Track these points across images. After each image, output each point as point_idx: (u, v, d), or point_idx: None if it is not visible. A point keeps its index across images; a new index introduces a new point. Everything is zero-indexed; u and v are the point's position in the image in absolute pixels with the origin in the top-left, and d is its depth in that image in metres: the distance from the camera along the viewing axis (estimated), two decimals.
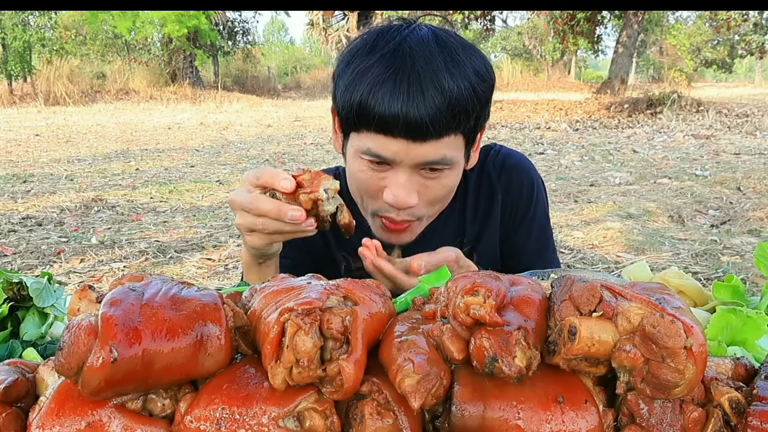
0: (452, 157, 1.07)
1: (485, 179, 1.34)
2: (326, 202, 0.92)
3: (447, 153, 1.06)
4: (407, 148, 1.03)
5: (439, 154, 1.05)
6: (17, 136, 11.70)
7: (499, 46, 41.43)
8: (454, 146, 1.07)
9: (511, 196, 1.33)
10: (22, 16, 21.22)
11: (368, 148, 1.06)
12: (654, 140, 9.96)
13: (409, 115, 1.00)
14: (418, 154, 1.04)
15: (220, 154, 9.27)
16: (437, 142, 1.03)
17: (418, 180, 1.08)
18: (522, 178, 1.34)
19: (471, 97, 1.03)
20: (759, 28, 23.65)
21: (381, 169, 1.08)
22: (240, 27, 27.88)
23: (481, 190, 1.34)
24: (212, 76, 26.48)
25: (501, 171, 1.33)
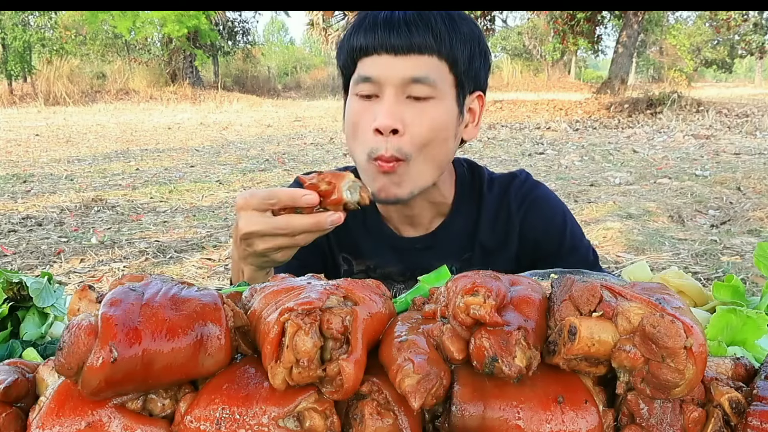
0: (436, 80, 1.10)
1: (505, 204, 1.32)
2: (352, 196, 0.93)
3: (429, 72, 1.09)
4: (390, 63, 1.09)
5: (421, 70, 1.09)
6: (17, 136, 11.70)
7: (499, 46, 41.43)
8: (437, 71, 1.11)
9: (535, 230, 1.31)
10: (22, 16, 21.22)
11: (358, 75, 1.13)
12: (654, 140, 9.96)
13: (390, 28, 1.09)
14: (402, 70, 1.09)
15: (220, 154, 9.27)
16: (418, 57, 1.09)
17: (403, 108, 1.10)
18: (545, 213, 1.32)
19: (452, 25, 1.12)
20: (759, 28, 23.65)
21: (371, 103, 1.12)
22: (240, 27, 27.88)
23: (499, 211, 1.31)
24: (212, 76, 26.48)
25: (522, 202, 1.31)
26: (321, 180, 0.94)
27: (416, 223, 1.30)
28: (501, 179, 1.35)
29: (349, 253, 1.34)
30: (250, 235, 0.97)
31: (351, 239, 1.30)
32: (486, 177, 1.34)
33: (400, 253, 1.31)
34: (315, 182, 0.94)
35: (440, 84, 1.11)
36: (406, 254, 1.30)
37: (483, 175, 1.35)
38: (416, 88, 1.10)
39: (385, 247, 1.31)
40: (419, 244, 1.30)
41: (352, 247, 1.31)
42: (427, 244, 1.30)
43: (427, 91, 1.10)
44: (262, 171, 7.70)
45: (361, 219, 1.32)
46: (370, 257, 1.33)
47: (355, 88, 1.14)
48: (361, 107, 1.13)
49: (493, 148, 9.50)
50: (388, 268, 1.32)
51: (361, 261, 1.34)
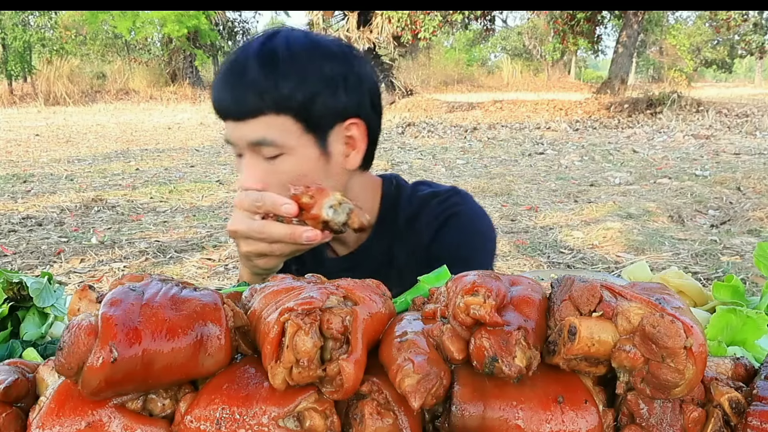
0: (274, 139, 1.09)
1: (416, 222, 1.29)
2: (335, 216, 0.92)
3: (267, 134, 1.09)
4: (234, 128, 1.10)
5: (258, 133, 1.09)
6: (17, 136, 11.70)
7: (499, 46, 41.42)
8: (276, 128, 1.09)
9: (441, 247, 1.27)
10: (22, 16, 21.22)
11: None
12: (654, 140, 9.96)
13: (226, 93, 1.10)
14: (242, 134, 1.10)
15: (220, 154, 9.27)
16: (254, 120, 1.08)
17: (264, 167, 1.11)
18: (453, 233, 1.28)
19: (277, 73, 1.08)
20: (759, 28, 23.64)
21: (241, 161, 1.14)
22: (240, 27, 27.87)
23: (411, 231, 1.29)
24: (212, 76, 26.39)
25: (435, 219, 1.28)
26: (305, 192, 0.94)
27: (343, 241, 1.31)
28: (421, 197, 1.32)
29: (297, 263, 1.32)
30: (235, 234, 0.99)
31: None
32: (406, 194, 1.32)
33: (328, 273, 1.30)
34: (298, 193, 0.94)
35: (284, 139, 1.10)
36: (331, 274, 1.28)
37: (402, 192, 1.32)
38: (263, 149, 1.10)
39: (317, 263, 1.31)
40: (342, 265, 1.30)
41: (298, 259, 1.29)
42: (347, 265, 1.30)
43: (273, 150, 1.10)
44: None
45: None
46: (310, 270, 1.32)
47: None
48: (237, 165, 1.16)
49: (493, 148, 9.50)
50: None
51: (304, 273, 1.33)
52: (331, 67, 1.11)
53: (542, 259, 4.02)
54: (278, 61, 1.09)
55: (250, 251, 0.99)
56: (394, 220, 1.30)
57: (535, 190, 6.25)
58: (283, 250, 0.97)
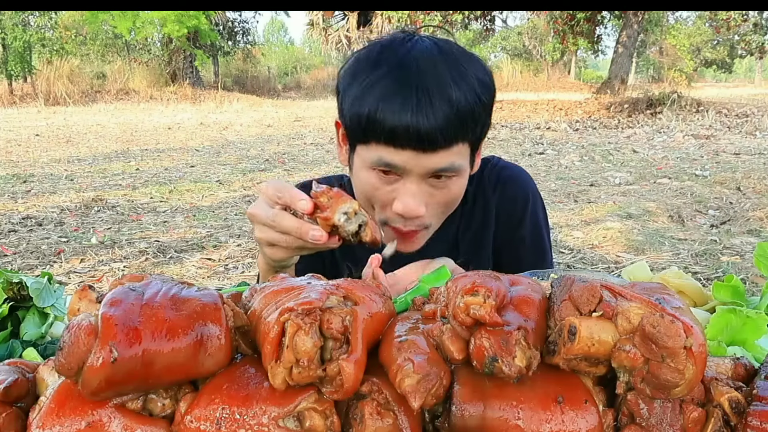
0: (460, 164, 1.10)
1: (480, 192, 1.35)
2: (346, 223, 0.93)
3: (455, 161, 1.08)
4: (417, 158, 1.05)
5: (447, 162, 1.07)
6: (17, 136, 11.70)
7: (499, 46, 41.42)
8: (461, 154, 1.10)
9: (505, 209, 1.34)
10: (22, 16, 21.22)
11: (379, 157, 1.08)
12: (654, 140, 9.96)
13: (419, 127, 1.02)
14: (428, 164, 1.07)
15: (220, 154, 9.27)
16: (446, 151, 1.06)
17: (427, 189, 1.11)
18: (516, 191, 1.35)
19: (477, 105, 1.07)
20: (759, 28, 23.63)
21: (390, 180, 1.11)
22: (240, 27, 27.88)
23: (476, 202, 1.34)
24: (212, 76, 26.47)
25: (496, 184, 1.34)
26: (324, 193, 0.94)
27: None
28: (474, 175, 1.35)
29: (350, 261, 1.34)
30: (252, 217, 1.00)
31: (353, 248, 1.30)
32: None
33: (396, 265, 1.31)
34: (318, 192, 0.95)
35: (463, 164, 1.11)
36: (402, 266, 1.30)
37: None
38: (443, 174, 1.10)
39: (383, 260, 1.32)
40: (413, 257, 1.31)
41: (353, 256, 1.31)
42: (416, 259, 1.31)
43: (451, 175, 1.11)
44: (262, 171, 7.70)
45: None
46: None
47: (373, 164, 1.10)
48: (381, 183, 1.11)
49: (493, 148, 9.50)
50: None
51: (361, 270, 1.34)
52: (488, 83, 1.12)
53: None
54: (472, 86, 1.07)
55: (261, 237, 1.00)
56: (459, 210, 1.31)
57: None
58: (290, 243, 0.97)
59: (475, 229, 1.35)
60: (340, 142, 1.23)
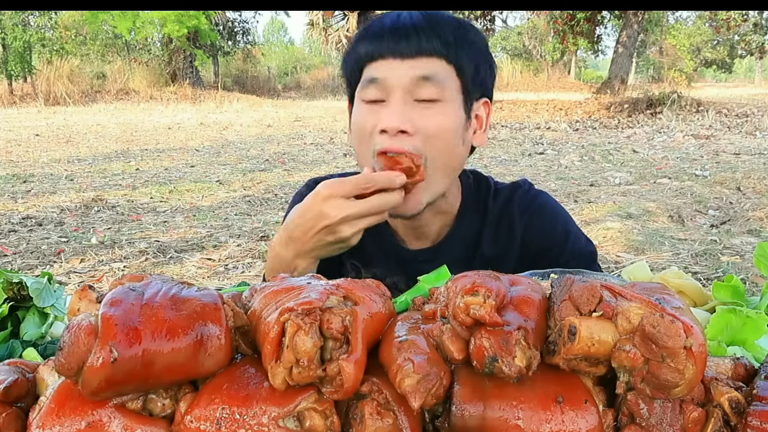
0: (443, 80, 1.11)
1: (507, 211, 1.32)
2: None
3: (438, 73, 1.10)
4: (397, 65, 1.10)
5: (429, 69, 1.10)
6: (17, 136, 11.70)
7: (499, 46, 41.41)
8: (444, 72, 1.12)
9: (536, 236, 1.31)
10: (22, 16, 21.22)
11: (364, 78, 1.14)
12: (654, 140, 9.96)
13: (397, 33, 1.10)
14: (409, 70, 1.09)
15: (220, 154, 9.28)
16: (426, 59, 1.10)
17: (411, 111, 1.11)
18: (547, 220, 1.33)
19: (460, 32, 1.14)
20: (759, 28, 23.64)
21: (377, 107, 1.13)
22: (240, 27, 27.88)
23: (501, 222, 1.32)
24: (212, 76, 26.47)
25: (525, 209, 1.32)
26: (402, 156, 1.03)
27: (422, 235, 1.30)
28: (505, 189, 1.35)
29: (357, 260, 1.34)
30: (344, 220, 1.01)
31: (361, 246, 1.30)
32: (492, 187, 1.35)
33: (405, 264, 1.30)
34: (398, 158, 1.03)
35: (447, 86, 1.12)
36: (411, 266, 1.29)
37: (489, 185, 1.35)
38: (423, 89, 1.09)
39: (391, 258, 1.31)
40: (423, 257, 1.30)
41: (361, 255, 1.31)
42: (430, 256, 1.30)
43: (435, 92, 1.10)
44: (262, 171, 7.70)
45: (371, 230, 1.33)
46: (377, 266, 1.33)
47: (362, 93, 1.14)
48: (368, 111, 1.13)
49: (493, 148, 9.50)
50: (394, 278, 1.32)
51: (369, 269, 1.34)
52: (488, 48, 1.21)
53: None
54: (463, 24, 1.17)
55: (356, 231, 1.03)
56: (482, 212, 1.32)
57: None
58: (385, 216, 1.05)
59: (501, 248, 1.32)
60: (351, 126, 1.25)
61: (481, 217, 1.31)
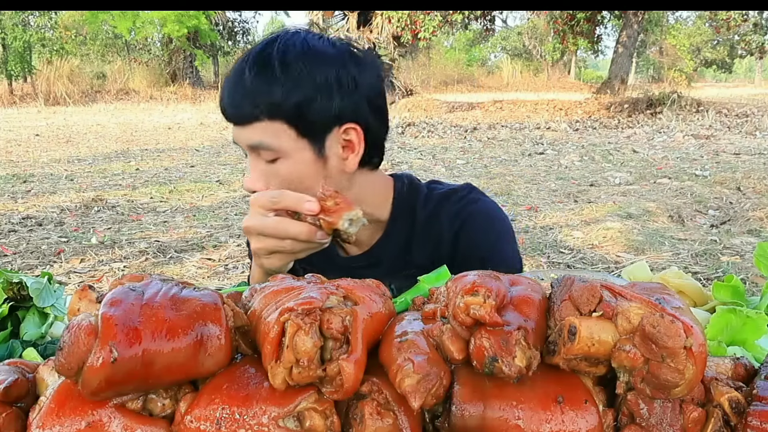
0: (270, 143, 1.12)
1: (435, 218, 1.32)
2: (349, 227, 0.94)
3: (264, 139, 1.12)
4: (237, 132, 1.16)
5: (255, 138, 1.12)
6: (17, 136, 11.70)
7: (499, 46, 41.41)
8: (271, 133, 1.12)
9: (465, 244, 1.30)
10: (22, 16, 21.23)
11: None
12: (654, 140, 9.96)
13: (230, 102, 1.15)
14: (242, 138, 1.15)
15: (220, 154, 9.28)
16: (251, 126, 1.12)
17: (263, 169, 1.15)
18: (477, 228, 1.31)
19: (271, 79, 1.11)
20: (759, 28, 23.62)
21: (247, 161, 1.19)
22: (240, 27, 27.90)
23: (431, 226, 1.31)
24: (212, 76, 26.48)
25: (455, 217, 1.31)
26: (332, 197, 0.95)
27: (357, 241, 1.30)
28: (438, 195, 1.34)
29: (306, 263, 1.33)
30: (248, 230, 1.01)
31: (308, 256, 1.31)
32: (423, 193, 1.34)
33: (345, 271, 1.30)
34: (327, 195, 0.95)
35: (279, 144, 1.12)
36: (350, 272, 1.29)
37: (419, 191, 1.34)
38: (261, 153, 1.14)
39: (332, 265, 1.32)
40: (359, 263, 1.32)
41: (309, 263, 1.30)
42: (366, 262, 1.32)
43: (270, 154, 1.13)
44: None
45: None
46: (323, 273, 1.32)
47: None
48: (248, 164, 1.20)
49: (493, 148, 9.50)
50: None
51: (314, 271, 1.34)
52: (325, 72, 1.12)
53: (542, 259, 4.02)
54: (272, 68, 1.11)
55: (260, 248, 1.01)
56: (411, 218, 1.32)
57: (535, 190, 6.24)
58: (294, 248, 0.98)
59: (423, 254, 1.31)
60: None
61: (410, 224, 1.32)
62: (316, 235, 0.94)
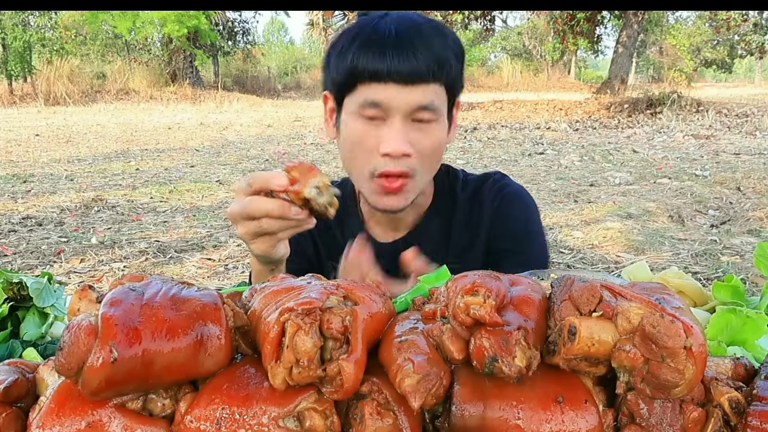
0: (439, 105, 1.15)
1: (476, 199, 1.37)
2: (318, 196, 0.93)
3: (434, 100, 1.14)
4: (400, 92, 1.11)
5: (428, 98, 1.13)
6: (17, 136, 11.70)
7: (499, 46, 41.41)
8: (439, 97, 1.16)
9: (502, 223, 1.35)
10: (22, 16, 21.22)
11: (365, 98, 1.13)
12: (654, 140, 9.96)
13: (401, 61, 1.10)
14: (411, 99, 1.12)
15: (220, 154, 9.27)
16: (426, 86, 1.12)
17: (410, 132, 1.15)
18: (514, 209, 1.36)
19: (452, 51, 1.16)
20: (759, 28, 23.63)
21: (375, 125, 1.15)
22: (240, 27, 27.87)
23: (472, 207, 1.36)
24: (212, 76, 26.47)
25: (494, 197, 1.36)
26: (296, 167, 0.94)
27: (399, 226, 1.36)
28: (475, 179, 1.40)
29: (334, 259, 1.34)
30: (231, 216, 1.00)
31: (336, 246, 1.31)
32: (461, 178, 1.40)
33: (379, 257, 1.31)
34: (290, 166, 0.95)
35: (440, 106, 1.17)
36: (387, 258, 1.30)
37: (458, 176, 1.40)
38: (422, 113, 1.14)
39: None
40: (396, 248, 1.31)
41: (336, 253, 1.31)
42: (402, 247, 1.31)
43: (430, 116, 1.15)
44: (262, 171, 7.69)
45: (343, 226, 1.37)
46: None
47: (359, 109, 1.15)
48: (365, 129, 1.16)
49: (493, 148, 9.50)
50: None
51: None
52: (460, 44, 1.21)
53: None
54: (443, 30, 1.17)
55: (243, 233, 1.00)
56: (452, 201, 1.36)
57: (535, 190, 6.24)
58: (272, 226, 0.96)
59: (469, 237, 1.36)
60: (327, 118, 1.27)
61: (451, 206, 1.36)
62: (290, 211, 0.93)
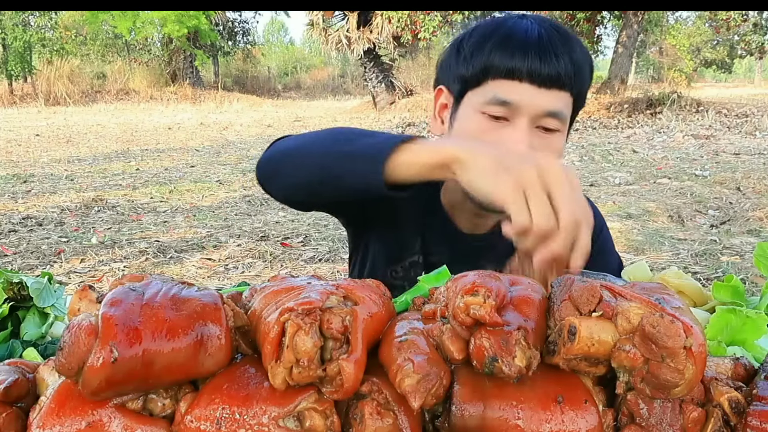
0: (566, 115, 1.11)
1: None
2: None
3: (564, 109, 1.10)
4: (533, 93, 1.06)
5: (559, 105, 1.08)
6: (17, 136, 11.70)
7: None
8: (567, 106, 1.11)
9: None
10: (22, 16, 21.23)
11: (494, 94, 1.08)
12: (654, 140, 9.96)
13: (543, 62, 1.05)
14: (543, 102, 1.07)
15: (220, 154, 9.27)
16: (558, 93, 1.08)
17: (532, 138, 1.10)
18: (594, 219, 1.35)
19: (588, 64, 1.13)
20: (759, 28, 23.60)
21: (498, 126, 1.10)
22: (240, 27, 27.88)
23: None
24: (212, 76, 26.48)
25: None
26: None
27: (483, 223, 1.32)
28: None
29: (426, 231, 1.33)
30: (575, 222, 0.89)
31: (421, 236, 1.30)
32: None
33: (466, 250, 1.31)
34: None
35: (566, 117, 1.13)
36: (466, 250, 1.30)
37: None
38: (549, 121, 1.09)
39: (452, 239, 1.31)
40: (479, 242, 1.31)
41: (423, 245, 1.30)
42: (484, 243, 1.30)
43: (557, 125, 1.10)
44: None
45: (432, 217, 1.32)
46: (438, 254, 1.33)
47: (484, 106, 1.11)
48: (487, 126, 1.11)
49: None
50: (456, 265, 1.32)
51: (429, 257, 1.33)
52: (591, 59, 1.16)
53: None
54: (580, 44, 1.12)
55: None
56: None
57: None
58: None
59: None
60: (436, 113, 1.23)
61: None
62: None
